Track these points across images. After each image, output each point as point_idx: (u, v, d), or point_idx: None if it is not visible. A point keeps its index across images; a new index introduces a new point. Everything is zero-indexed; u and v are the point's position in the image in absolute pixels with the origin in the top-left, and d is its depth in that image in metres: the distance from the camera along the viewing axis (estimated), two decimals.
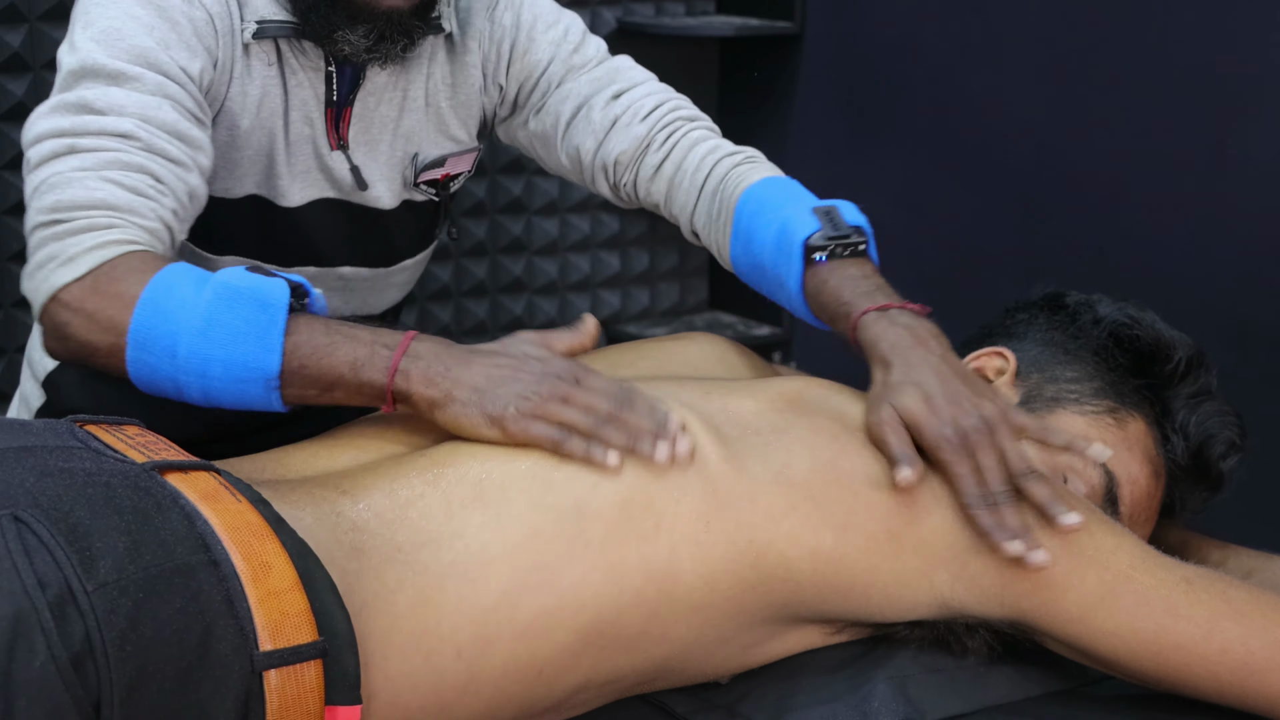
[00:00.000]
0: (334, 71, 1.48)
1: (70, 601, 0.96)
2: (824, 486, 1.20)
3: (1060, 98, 2.18)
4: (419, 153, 1.58)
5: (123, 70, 1.34)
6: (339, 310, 1.60)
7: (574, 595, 1.14)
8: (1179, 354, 1.40)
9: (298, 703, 1.02)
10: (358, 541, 1.12)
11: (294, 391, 1.22)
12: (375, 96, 1.53)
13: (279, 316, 1.21)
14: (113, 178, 1.29)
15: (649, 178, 1.58)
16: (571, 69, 1.60)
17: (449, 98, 1.58)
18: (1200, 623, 1.17)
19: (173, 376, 1.22)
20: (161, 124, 1.33)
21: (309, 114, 1.50)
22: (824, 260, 1.39)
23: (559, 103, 1.60)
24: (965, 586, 1.21)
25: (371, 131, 1.54)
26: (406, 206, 1.61)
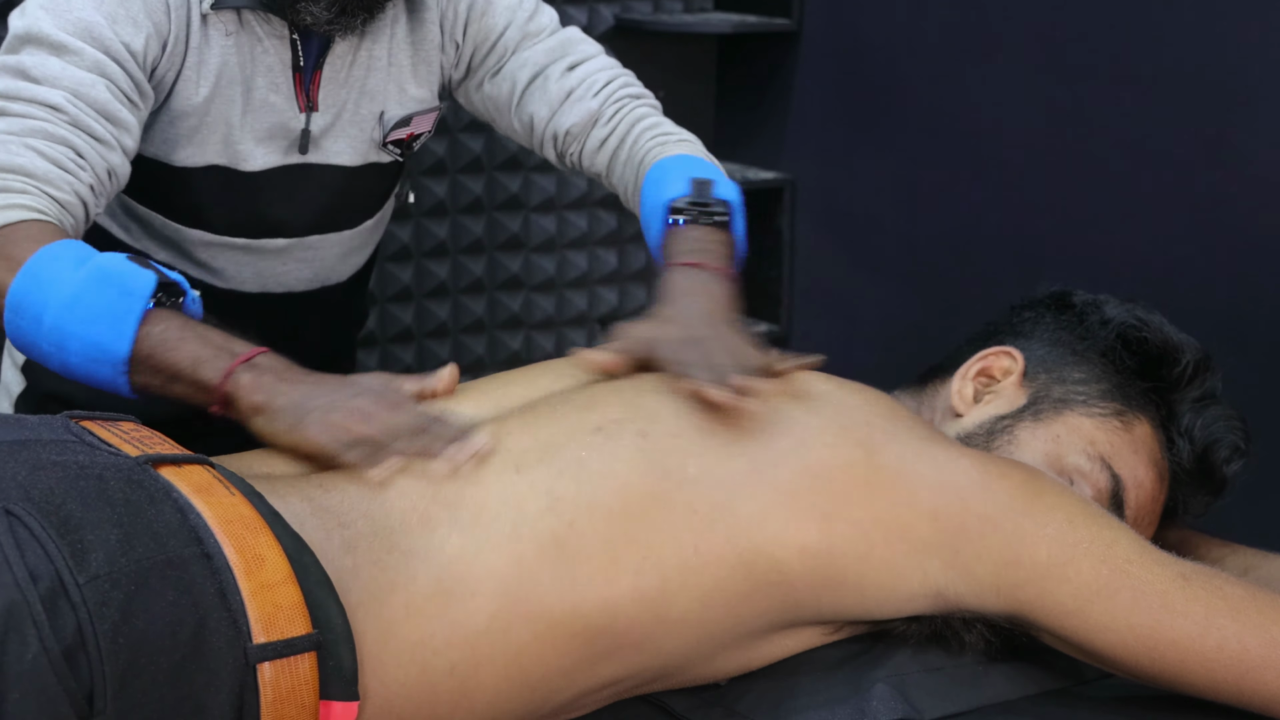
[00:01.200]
0: (298, 39, 1.51)
1: (62, 594, 0.95)
2: (794, 480, 1.19)
3: (1057, 94, 2.18)
4: (385, 112, 1.60)
5: (64, 42, 1.37)
6: (308, 283, 1.66)
7: (566, 625, 1.14)
8: (1187, 357, 1.40)
9: (292, 695, 1.02)
10: (350, 538, 1.12)
11: (140, 379, 1.25)
12: (342, 58, 1.55)
13: (137, 305, 1.24)
14: (35, 146, 1.33)
15: (594, 150, 1.64)
16: (527, 35, 1.65)
17: (410, 56, 1.61)
18: (1196, 619, 1.17)
19: (36, 343, 1.27)
20: (92, 101, 1.37)
21: (274, 79, 1.52)
22: (681, 223, 1.48)
23: (515, 69, 1.65)
24: (959, 575, 1.21)
25: (340, 93, 1.56)
26: (371, 167, 1.63)
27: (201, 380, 1.23)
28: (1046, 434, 1.37)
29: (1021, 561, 1.19)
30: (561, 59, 1.65)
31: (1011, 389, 1.41)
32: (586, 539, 1.15)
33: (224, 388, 1.23)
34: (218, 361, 1.24)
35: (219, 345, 1.25)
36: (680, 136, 1.64)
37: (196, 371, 1.23)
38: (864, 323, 2.57)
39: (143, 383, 1.25)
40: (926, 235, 2.44)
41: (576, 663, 1.16)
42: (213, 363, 1.24)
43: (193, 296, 1.30)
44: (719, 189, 1.51)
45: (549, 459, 1.19)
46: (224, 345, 1.25)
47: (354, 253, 1.71)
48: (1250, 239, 1.94)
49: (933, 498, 1.20)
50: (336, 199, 1.63)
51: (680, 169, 1.54)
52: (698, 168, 1.55)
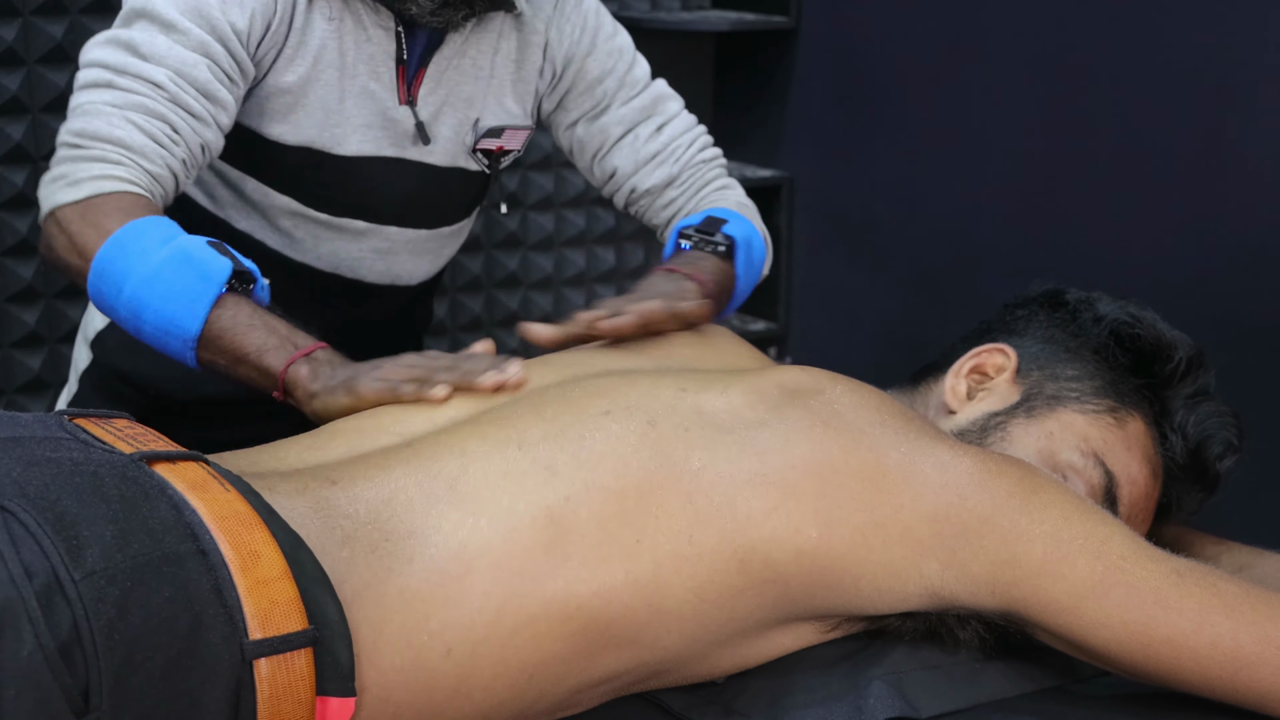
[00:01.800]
0: (402, 31, 1.57)
1: (57, 590, 0.95)
2: (802, 481, 1.19)
3: (1053, 92, 2.18)
4: (480, 119, 1.66)
5: (174, 21, 1.45)
6: (379, 275, 1.73)
7: (560, 606, 1.14)
8: (1179, 354, 1.40)
9: (289, 691, 1.02)
10: (348, 529, 1.12)
11: (207, 355, 1.36)
12: (448, 60, 1.61)
13: (212, 289, 1.34)
14: (134, 120, 1.42)
15: (662, 207, 1.76)
16: (624, 86, 1.74)
17: (512, 73, 1.67)
18: (1190, 615, 1.17)
19: (114, 309, 1.38)
20: (193, 80, 1.45)
21: (376, 69, 1.58)
22: (686, 247, 1.62)
23: (611, 124, 1.74)
24: (955, 575, 1.21)
25: (439, 92, 1.62)
26: (458, 172, 1.69)
27: (265, 366, 1.34)
28: (1040, 430, 1.37)
29: (1017, 559, 1.19)
30: (651, 118, 1.74)
31: (1004, 386, 1.41)
32: (581, 515, 1.15)
33: (285, 375, 1.33)
34: (282, 351, 1.34)
35: (284, 335, 1.35)
36: (739, 200, 1.76)
37: (262, 358, 1.34)
38: (861, 320, 2.58)
39: (209, 359, 1.36)
40: (924, 232, 2.44)
41: (573, 651, 1.16)
42: (277, 351, 1.34)
43: (262, 284, 1.39)
44: (728, 227, 1.63)
45: (552, 437, 1.19)
46: (288, 336, 1.35)
47: (427, 255, 1.76)
48: (1244, 236, 1.94)
49: (935, 499, 1.20)
50: (420, 195, 1.68)
51: (709, 212, 1.67)
52: (724, 214, 1.66)
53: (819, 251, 2.69)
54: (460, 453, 1.18)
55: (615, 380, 1.28)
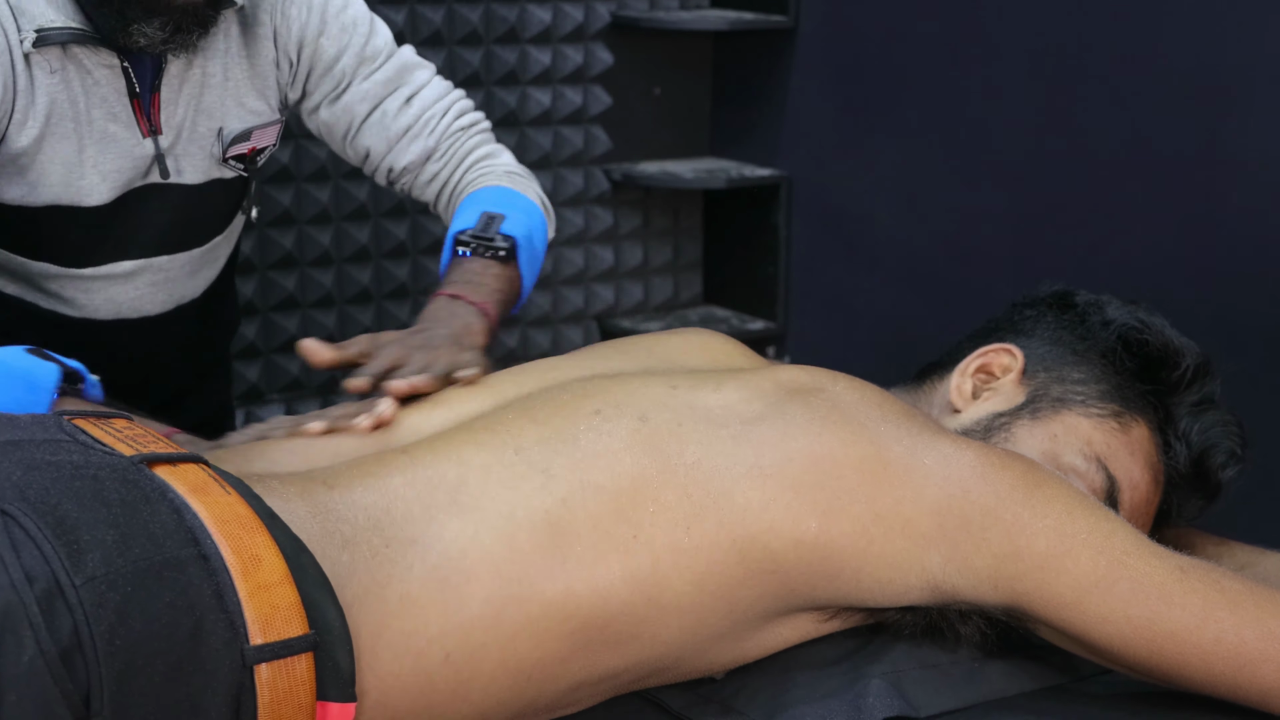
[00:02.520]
0: (129, 66, 1.51)
1: (58, 595, 0.95)
2: (800, 474, 1.19)
3: (1052, 91, 2.18)
4: (223, 127, 1.60)
5: None
6: (161, 304, 1.68)
7: (559, 607, 1.14)
8: (1186, 361, 1.40)
9: (289, 696, 1.02)
10: (348, 534, 1.12)
11: None
12: (178, 78, 1.55)
13: (44, 398, 1.26)
14: None
15: (425, 183, 1.71)
16: (364, 61, 1.67)
17: (246, 70, 1.61)
18: (1194, 611, 1.17)
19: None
20: None
21: (112, 109, 1.52)
22: (465, 254, 1.56)
23: (354, 102, 1.68)
24: (958, 568, 1.21)
25: (178, 112, 1.56)
26: (217, 184, 1.64)
27: None
28: (1044, 433, 1.37)
29: (1020, 553, 1.19)
30: (398, 90, 1.68)
31: (1010, 386, 1.41)
32: (578, 516, 1.15)
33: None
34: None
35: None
36: (508, 168, 1.69)
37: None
38: (860, 319, 2.58)
39: None
40: (922, 232, 2.44)
41: (572, 650, 1.16)
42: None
43: (92, 382, 1.31)
44: (506, 224, 1.57)
45: (546, 439, 1.19)
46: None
47: (205, 268, 1.72)
48: (1251, 239, 1.94)
49: (938, 491, 1.20)
50: (182, 218, 1.63)
51: (481, 201, 1.61)
52: (499, 201, 1.60)
53: (817, 251, 2.69)
54: (458, 460, 1.18)
55: (603, 381, 1.28)
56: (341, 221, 2.57)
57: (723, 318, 2.85)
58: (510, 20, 2.59)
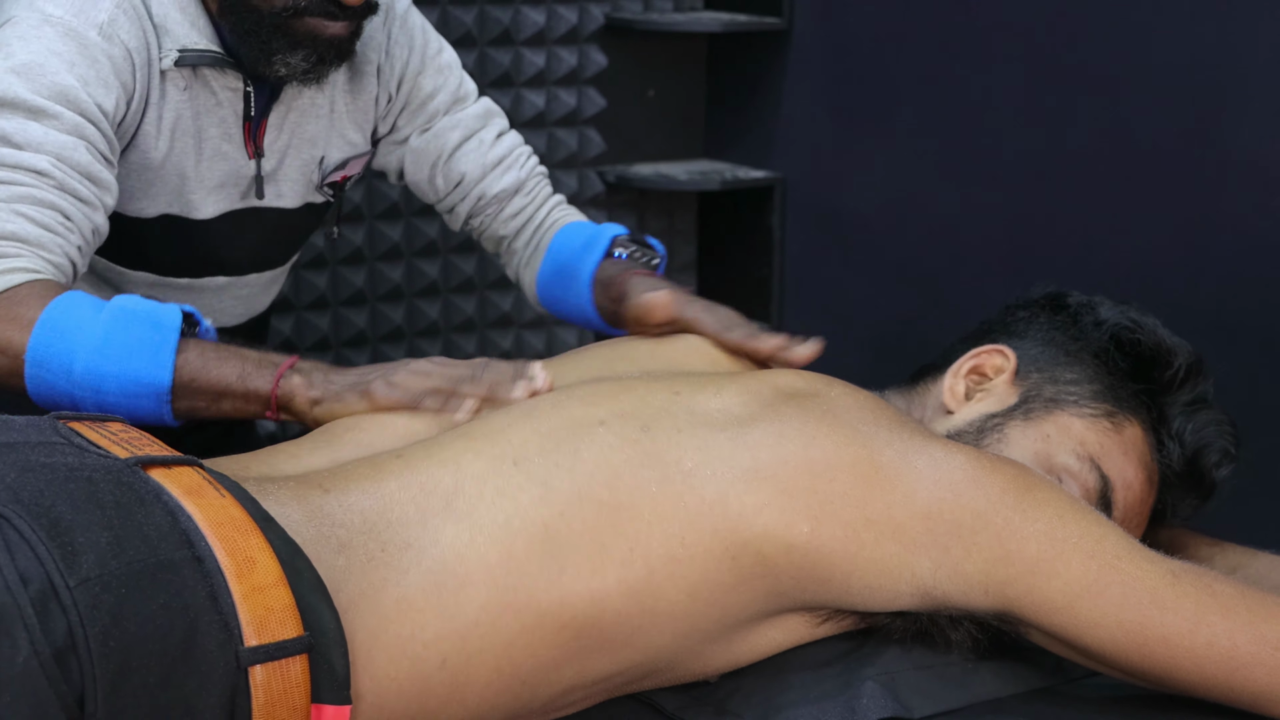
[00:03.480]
0: (251, 90, 1.55)
1: (53, 597, 0.95)
2: (793, 477, 1.20)
3: (1046, 92, 2.19)
4: (325, 156, 1.66)
5: (43, 107, 1.39)
6: (239, 317, 1.74)
7: (555, 615, 1.14)
8: (1179, 361, 1.41)
9: (284, 698, 1.02)
10: (344, 538, 1.12)
11: (184, 404, 1.31)
12: (286, 105, 1.60)
13: (171, 336, 1.30)
14: (24, 212, 1.36)
15: (509, 217, 1.77)
16: (456, 100, 1.74)
17: (348, 103, 1.66)
18: (1186, 615, 1.17)
19: (69, 392, 1.30)
20: (75, 165, 1.39)
21: (227, 130, 1.56)
22: (622, 256, 1.64)
23: (446, 129, 1.74)
24: (948, 574, 1.21)
25: (283, 139, 1.61)
26: (307, 208, 1.70)
27: (253, 390, 1.31)
28: (1036, 433, 1.38)
29: (1010, 558, 1.19)
30: (487, 126, 1.76)
31: (1003, 387, 1.41)
32: (575, 529, 1.16)
33: (277, 392, 1.31)
34: (263, 371, 1.31)
35: (256, 359, 1.33)
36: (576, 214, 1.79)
37: (246, 384, 1.31)
38: (854, 321, 2.58)
39: (187, 407, 1.31)
40: (917, 234, 2.44)
41: (566, 656, 1.16)
42: (258, 374, 1.31)
43: (206, 326, 1.36)
44: (651, 240, 1.67)
45: (548, 451, 1.19)
46: (261, 358, 1.33)
47: (275, 284, 1.79)
48: (1243, 240, 1.94)
49: (929, 496, 1.20)
50: (274, 238, 1.69)
51: (596, 227, 1.69)
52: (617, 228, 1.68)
53: (811, 253, 2.69)
54: (455, 468, 1.18)
55: (609, 387, 1.28)
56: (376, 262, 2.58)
57: None
58: (504, 22, 2.59)
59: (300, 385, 1.31)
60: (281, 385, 1.31)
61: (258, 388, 1.31)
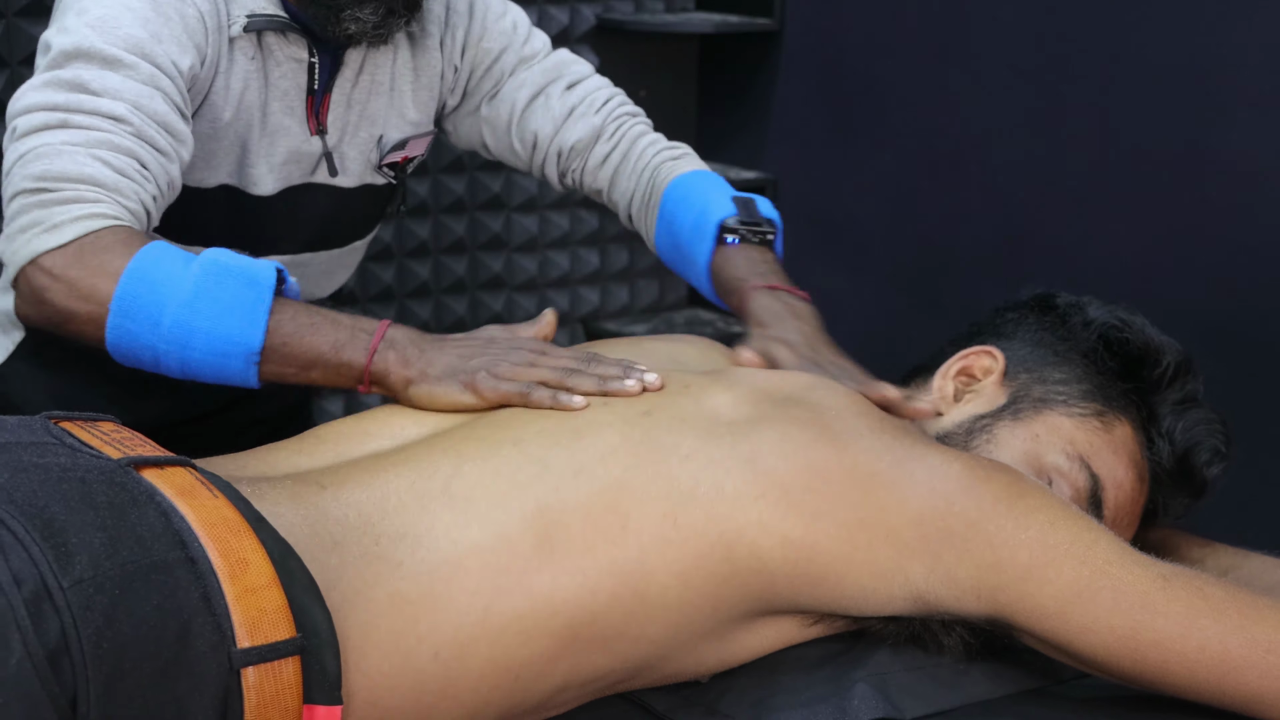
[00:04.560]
0: (316, 61, 1.53)
1: (46, 598, 0.95)
2: (793, 475, 1.20)
3: (1039, 95, 2.19)
4: (384, 135, 1.63)
5: (118, 57, 1.37)
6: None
7: (546, 600, 1.14)
8: (1167, 359, 1.41)
9: (276, 700, 1.02)
10: (338, 535, 1.12)
11: (272, 368, 1.27)
12: (350, 81, 1.57)
13: (266, 294, 1.26)
14: (102, 156, 1.33)
15: (596, 165, 1.70)
16: (523, 59, 1.69)
17: (411, 81, 1.63)
18: (1178, 619, 1.17)
19: (153, 345, 1.27)
20: (152, 113, 1.37)
21: (290, 103, 1.54)
22: (734, 242, 1.56)
23: (514, 90, 1.68)
24: (940, 580, 1.21)
25: (344, 116, 1.58)
26: (366, 189, 1.66)
27: (345, 363, 1.27)
28: (1026, 433, 1.38)
29: (1002, 564, 1.20)
30: (559, 79, 1.70)
31: (992, 388, 1.42)
32: (569, 505, 1.16)
33: (371, 367, 1.27)
34: (357, 342, 1.28)
35: (350, 325, 1.29)
36: (682, 151, 1.70)
37: (339, 354, 1.27)
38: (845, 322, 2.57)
39: (274, 372, 1.28)
40: (908, 234, 2.45)
41: (559, 648, 1.16)
42: (352, 344, 1.28)
43: (292, 283, 1.31)
44: (761, 207, 1.58)
45: (548, 432, 1.21)
46: (354, 325, 1.29)
47: (339, 270, 1.74)
48: (1232, 241, 1.95)
49: (922, 502, 1.21)
50: (331, 219, 1.65)
51: (708, 186, 1.60)
52: (724, 186, 1.60)
53: (802, 254, 2.69)
54: (456, 455, 1.19)
55: None
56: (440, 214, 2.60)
57: (708, 320, 2.85)
58: None
59: (395, 362, 1.28)
60: (376, 360, 1.28)
61: (351, 359, 1.27)
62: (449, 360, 1.28)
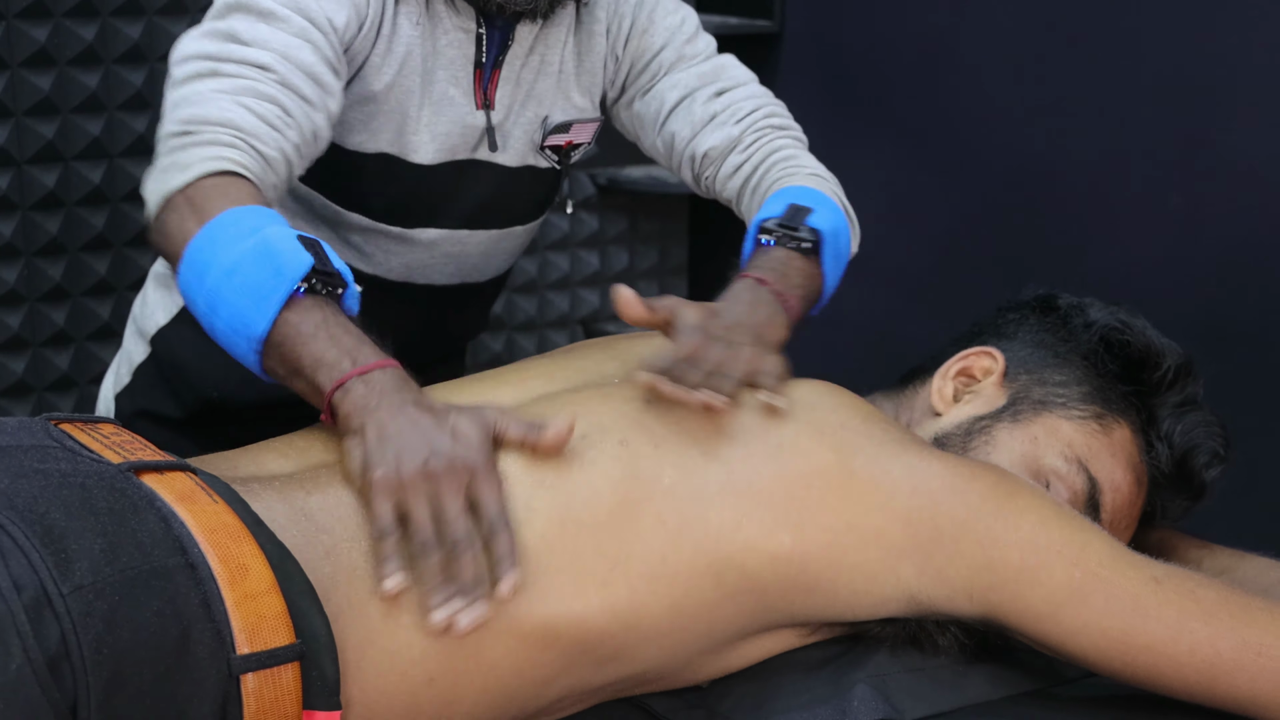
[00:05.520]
0: (484, 33, 1.53)
1: (46, 604, 0.95)
2: (770, 489, 1.20)
3: (1039, 96, 2.19)
4: (549, 116, 1.62)
5: (273, 10, 1.40)
6: (449, 277, 1.67)
7: (540, 637, 1.14)
8: (1168, 362, 1.40)
9: (275, 706, 1.02)
10: (329, 544, 1.12)
11: (270, 363, 1.24)
12: (519, 59, 1.57)
13: (283, 287, 1.21)
14: (245, 103, 1.35)
15: (728, 176, 1.64)
16: (682, 58, 1.66)
17: (576, 65, 1.63)
18: (1169, 622, 1.18)
19: (196, 300, 1.27)
20: (299, 63, 1.39)
21: (455, 73, 1.54)
22: (768, 243, 1.47)
23: (666, 89, 1.66)
24: (932, 580, 1.21)
25: (511, 93, 1.58)
26: (529, 170, 1.65)
27: (317, 385, 1.22)
28: (1024, 435, 1.38)
29: (993, 565, 1.20)
30: (711, 84, 1.66)
31: (991, 389, 1.41)
32: (555, 551, 1.15)
33: (332, 398, 1.20)
34: (336, 368, 1.21)
35: (346, 349, 1.22)
36: (814, 171, 1.62)
37: (315, 373, 1.22)
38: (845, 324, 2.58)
39: (270, 368, 1.24)
40: (908, 237, 2.44)
41: (553, 674, 1.16)
42: (331, 369, 1.21)
43: (353, 291, 1.27)
44: (814, 218, 1.48)
45: (529, 467, 1.19)
46: (353, 350, 1.22)
47: (499, 254, 1.71)
48: (1234, 242, 1.95)
49: (906, 502, 1.21)
50: (492, 197, 1.64)
51: (787, 196, 1.53)
52: (807, 197, 1.52)
53: None
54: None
55: (589, 396, 1.27)
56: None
57: None
58: None
59: (352, 404, 1.19)
60: (338, 394, 1.20)
61: (321, 382, 1.21)
62: (386, 428, 1.17)
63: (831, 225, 1.49)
